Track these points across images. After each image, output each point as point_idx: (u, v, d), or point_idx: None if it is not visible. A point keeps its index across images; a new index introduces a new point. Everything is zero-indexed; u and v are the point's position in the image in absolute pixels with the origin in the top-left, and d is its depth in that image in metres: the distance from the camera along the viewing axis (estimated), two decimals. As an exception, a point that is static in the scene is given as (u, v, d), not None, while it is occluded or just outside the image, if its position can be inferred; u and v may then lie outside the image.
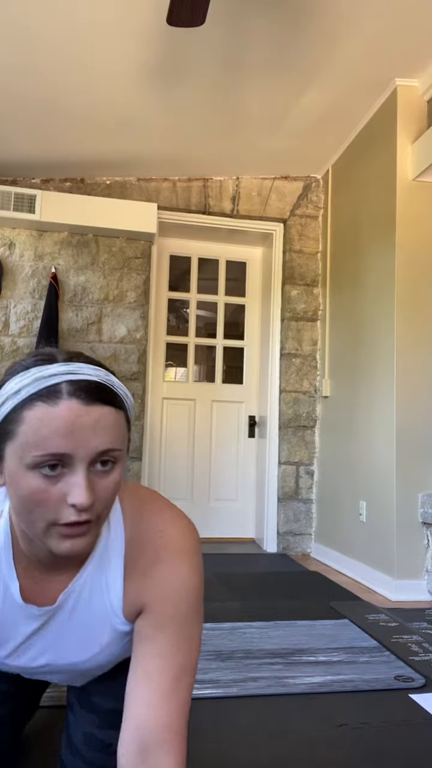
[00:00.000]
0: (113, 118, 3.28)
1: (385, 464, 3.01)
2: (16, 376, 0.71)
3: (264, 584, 2.96)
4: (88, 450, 0.69)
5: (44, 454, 0.67)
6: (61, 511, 0.69)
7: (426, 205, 3.08)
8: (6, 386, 0.71)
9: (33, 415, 0.68)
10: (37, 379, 0.69)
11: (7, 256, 3.75)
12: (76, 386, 0.69)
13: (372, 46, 2.78)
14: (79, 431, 0.68)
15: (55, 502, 0.69)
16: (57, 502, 0.69)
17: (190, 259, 4.35)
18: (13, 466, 0.69)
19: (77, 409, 0.68)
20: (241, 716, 1.51)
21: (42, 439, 0.67)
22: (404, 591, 2.83)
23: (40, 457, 0.67)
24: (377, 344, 3.18)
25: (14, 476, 0.69)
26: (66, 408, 0.68)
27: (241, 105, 3.21)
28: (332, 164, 3.98)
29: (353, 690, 1.68)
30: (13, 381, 0.71)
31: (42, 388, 0.69)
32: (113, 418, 0.71)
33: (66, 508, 0.69)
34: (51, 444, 0.67)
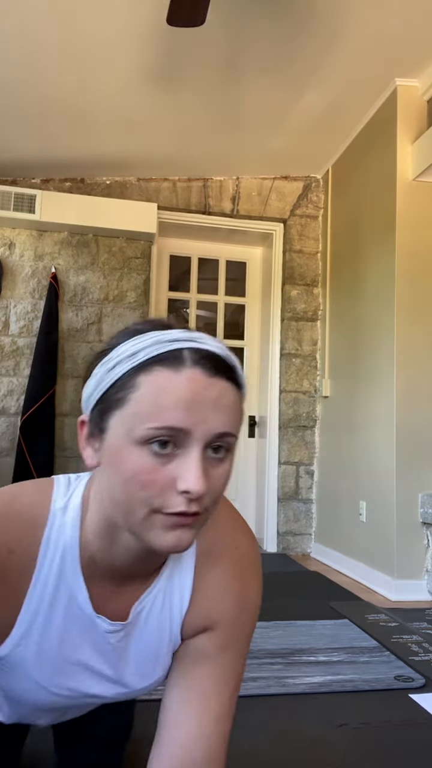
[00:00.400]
0: (113, 118, 3.28)
1: (385, 464, 3.01)
2: (131, 338, 0.62)
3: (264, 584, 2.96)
4: (207, 430, 0.59)
5: (160, 426, 0.57)
6: (168, 497, 0.59)
7: (426, 205, 3.08)
8: (118, 348, 0.62)
9: (151, 380, 0.58)
10: (158, 342, 0.60)
11: (7, 256, 3.75)
12: (200, 355, 0.60)
13: (372, 46, 2.78)
14: (200, 406, 0.58)
15: (161, 487, 0.58)
16: (164, 487, 0.58)
17: (190, 259, 4.35)
18: (118, 440, 0.59)
19: (200, 379, 0.59)
20: (241, 716, 1.51)
21: (160, 408, 0.57)
22: (404, 591, 2.83)
23: (155, 430, 0.57)
24: (377, 344, 3.18)
25: (117, 452, 0.59)
26: (189, 377, 0.58)
27: (241, 105, 3.21)
28: (332, 164, 3.98)
29: (353, 690, 1.68)
30: (128, 343, 0.61)
31: (163, 352, 0.59)
32: (234, 397, 0.61)
33: (174, 496, 0.59)
34: (169, 416, 0.57)
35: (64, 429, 3.72)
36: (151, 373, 0.59)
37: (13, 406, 3.67)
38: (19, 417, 3.65)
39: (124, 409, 0.59)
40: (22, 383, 3.69)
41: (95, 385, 0.63)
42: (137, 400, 0.58)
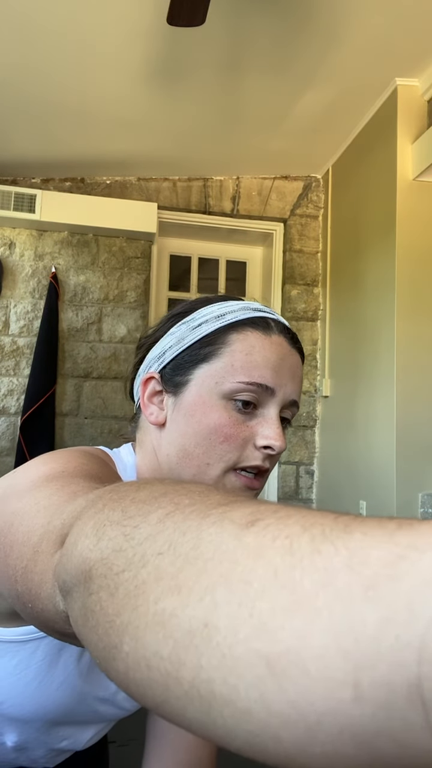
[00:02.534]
0: (113, 118, 3.28)
1: (385, 464, 3.01)
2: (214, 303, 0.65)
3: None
4: (285, 393, 0.62)
5: (250, 381, 0.59)
6: (247, 452, 0.60)
7: (426, 205, 3.08)
8: (202, 310, 0.64)
9: (244, 338, 0.61)
10: (246, 308, 0.64)
11: (7, 256, 3.75)
12: (282, 326, 0.65)
13: (372, 46, 2.78)
14: (284, 370, 0.62)
15: (242, 441, 0.60)
16: (244, 442, 0.60)
17: (190, 258, 4.35)
18: (202, 393, 0.60)
19: (286, 346, 0.63)
20: (241, 716, 1.51)
21: (253, 365, 0.60)
22: (404, 591, 2.83)
23: (245, 385, 0.59)
24: (377, 344, 3.18)
25: (200, 404, 0.60)
26: (277, 342, 0.62)
27: (241, 105, 3.21)
28: (332, 164, 3.98)
29: (353, 690, 1.68)
30: (213, 306, 0.64)
31: (253, 316, 0.63)
32: (302, 371, 0.67)
33: (253, 450, 0.60)
34: (261, 373, 0.60)
35: (64, 429, 3.73)
36: (243, 333, 0.61)
37: (13, 406, 3.68)
38: (19, 417, 3.65)
39: (213, 363, 0.61)
40: (22, 383, 3.69)
41: (175, 341, 0.63)
42: (229, 354, 0.60)
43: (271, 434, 0.60)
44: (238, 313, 0.63)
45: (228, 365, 0.60)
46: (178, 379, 0.62)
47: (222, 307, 0.63)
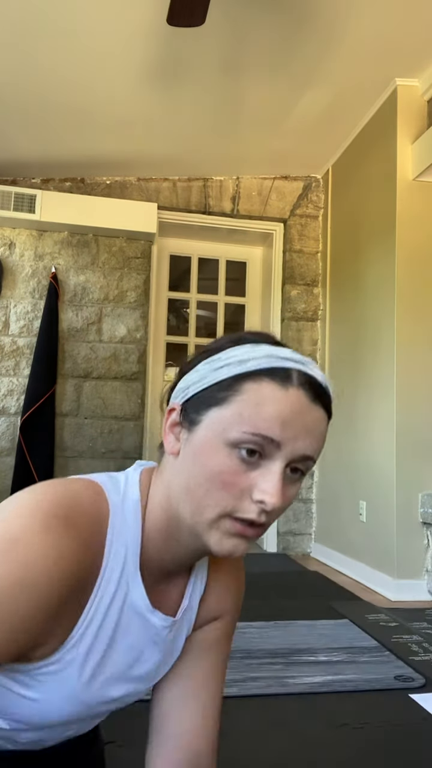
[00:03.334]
0: (113, 118, 3.28)
1: (385, 464, 3.01)
2: (243, 345, 0.64)
3: (264, 584, 2.96)
4: (294, 448, 0.61)
5: (255, 432, 0.59)
6: (242, 503, 0.61)
7: (426, 205, 3.08)
8: (229, 351, 0.64)
9: (257, 389, 0.61)
10: (271, 355, 0.63)
11: (7, 256, 3.75)
12: (307, 379, 0.63)
13: (372, 46, 2.78)
14: (296, 425, 0.61)
15: (240, 491, 0.60)
16: (243, 492, 0.60)
17: (190, 259, 4.35)
18: (210, 436, 0.61)
19: (303, 401, 0.61)
20: (241, 716, 1.51)
21: (261, 417, 0.60)
22: (404, 591, 2.83)
23: (250, 435, 0.59)
24: (377, 344, 3.18)
25: (207, 446, 0.61)
26: (293, 395, 0.61)
27: (241, 105, 3.21)
28: (332, 164, 3.98)
29: (353, 690, 1.68)
30: (239, 349, 0.64)
31: (274, 366, 0.62)
32: (324, 426, 0.65)
33: (249, 503, 0.61)
34: (268, 426, 0.59)
35: (64, 429, 3.73)
36: (258, 383, 0.61)
37: (13, 406, 3.68)
38: (19, 417, 3.65)
39: (223, 408, 0.61)
40: (22, 383, 3.69)
41: (197, 379, 0.65)
42: (239, 402, 0.61)
43: (267, 489, 0.59)
44: (261, 360, 0.62)
45: (237, 413, 0.60)
46: (193, 416, 0.64)
47: (247, 353, 0.63)
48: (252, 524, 0.61)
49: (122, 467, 3.87)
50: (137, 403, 3.85)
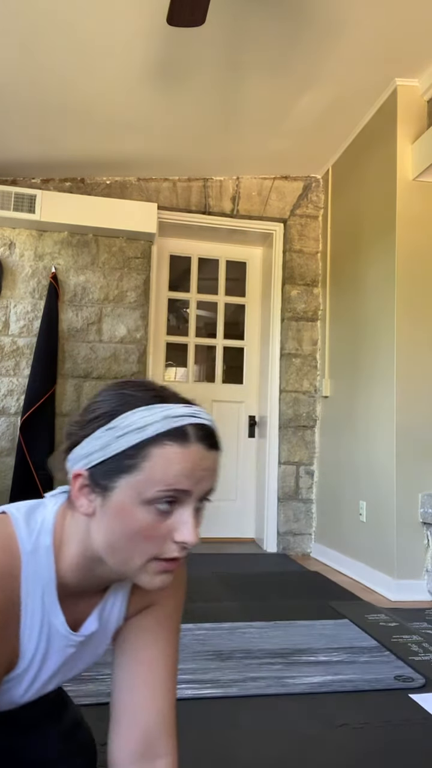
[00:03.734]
0: (113, 118, 3.28)
1: (385, 464, 3.01)
2: (137, 410, 0.71)
3: (264, 584, 2.96)
4: (201, 490, 0.71)
5: (169, 489, 0.68)
6: (165, 546, 0.70)
7: (426, 205, 3.08)
8: (127, 418, 0.70)
9: (162, 453, 0.69)
10: (166, 417, 0.70)
11: (7, 256, 3.75)
12: (201, 430, 0.72)
13: (372, 46, 2.78)
14: (199, 472, 0.70)
15: (161, 538, 0.70)
16: (163, 538, 0.70)
17: (190, 259, 4.35)
18: (126, 501, 0.69)
19: (202, 453, 0.71)
20: (241, 716, 1.51)
21: (170, 475, 0.68)
22: (404, 591, 2.83)
23: (164, 492, 0.68)
24: (377, 344, 3.18)
25: (124, 509, 0.69)
26: (195, 451, 0.70)
27: (241, 105, 3.21)
28: (332, 164, 3.98)
29: (353, 690, 1.68)
30: (136, 415, 0.70)
31: (171, 428, 0.69)
32: (219, 461, 0.75)
33: (170, 544, 0.70)
34: (178, 481, 0.69)
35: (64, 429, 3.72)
36: (162, 447, 0.69)
37: (13, 406, 3.68)
38: (19, 417, 3.65)
39: (134, 475, 0.69)
40: (22, 383, 3.69)
41: (99, 447, 0.70)
42: (149, 468, 0.68)
43: (186, 533, 0.69)
44: (159, 425, 0.69)
45: (148, 477, 0.68)
46: (104, 483, 0.70)
47: (144, 418, 0.69)
48: (175, 559, 0.71)
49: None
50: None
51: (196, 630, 2.16)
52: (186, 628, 2.18)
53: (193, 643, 2.02)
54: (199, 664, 1.83)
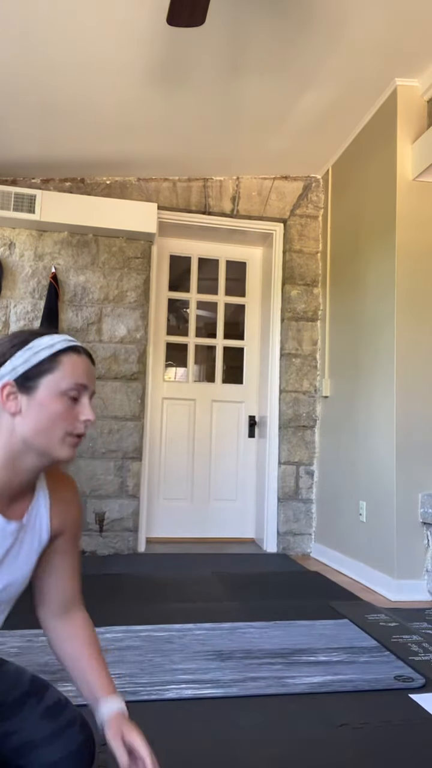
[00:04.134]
0: (113, 118, 3.28)
1: (385, 464, 3.01)
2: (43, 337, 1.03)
3: (264, 584, 2.96)
4: (91, 388, 1.04)
5: (77, 383, 1.01)
6: (75, 425, 1.01)
7: (426, 205, 3.08)
8: (39, 342, 1.01)
9: (68, 359, 1.01)
10: (64, 340, 1.03)
11: (7, 256, 3.75)
12: (83, 350, 1.06)
13: (372, 46, 2.78)
14: (89, 375, 1.04)
15: (73, 418, 1.00)
16: (74, 418, 1.01)
17: (190, 259, 4.35)
18: (48, 392, 0.99)
19: (87, 362, 1.05)
20: (241, 716, 1.51)
21: (76, 374, 1.01)
22: (404, 591, 2.83)
23: (74, 385, 1.00)
24: (377, 344, 3.18)
25: (47, 399, 0.99)
26: (84, 360, 1.04)
27: (241, 105, 3.21)
28: (332, 164, 3.98)
29: (353, 690, 1.68)
30: (44, 339, 1.02)
31: (68, 346, 1.03)
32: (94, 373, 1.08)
33: (78, 423, 1.01)
34: (81, 378, 1.01)
35: None
36: (68, 356, 1.01)
37: (13, 406, 3.67)
38: (19, 417, 3.65)
39: (53, 374, 0.99)
40: (22, 383, 3.69)
41: (22, 362, 0.99)
42: (62, 369, 1.00)
43: (88, 413, 1.01)
44: (61, 344, 1.02)
45: (63, 375, 0.99)
46: (29, 384, 0.99)
47: (51, 340, 1.02)
48: (81, 435, 1.02)
49: (122, 467, 3.88)
50: (137, 403, 3.85)
51: (196, 630, 2.16)
52: (186, 628, 2.18)
53: (193, 643, 2.02)
54: (199, 664, 1.83)
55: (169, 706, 1.56)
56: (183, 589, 2.83)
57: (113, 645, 1.98)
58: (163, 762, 1.28)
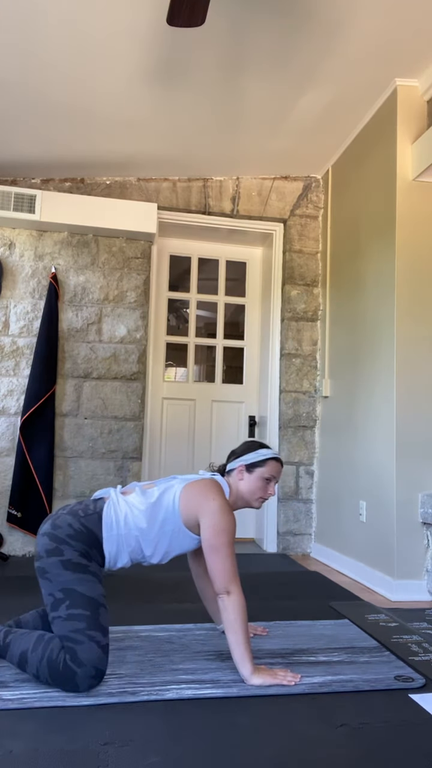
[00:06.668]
0: (113, 118, 3.28)
1: (385, 464, 3.01)
2: (263, 449, 1.97)
3: (264, 584, 2.96)
4: (278, 479, 1.98)
5: (272, 475, 1.95)
6: (266, 493, 1.95)
7: (426, 205, 3.08)
8: (261, 451, 1.97)
9: (270, 463, 1.96)
10: (272, 453, 1.98)
11: (7, 256, 3.75)
12: (279, 459, 1.99)
13: (372, 46, 2.78)
14: (279, 473, 1.99)
15: (264, 490, 1.95)
16: (265, 490, 1.95)
17: (190, 259, 4.35)
18: (257, 476, 1.94)
19: (279, 465, 1.99)
20: (241, 716, 1.51)
21: (273, 472, 1.95)
22: (404, 591, 2.83)
23: (270, 476, 1.95)
24: (377, 344, 3.18)
25: (256, 479, 1.93)
26: (278, 465, 1.98)
27: (241, 105, 3.21)
28: (332, 164, 3.98)
29: (353, 690, 1.68)
30: (263, 450, 1.97)
31: (271, 456, 1.97)
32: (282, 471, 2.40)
33: (267, 493, 1.96)
34: (273, 474, 1.96)
35: (64, 429, 3.73)
36: (272, 461, 1.97)
37: (13, 406, 3.68)
38: (19, 417, 3.65)
39: (263, 468, 1.95)
40: (22, 383, 3.69)
41: (251, 459, 1.95)
42: (266, 468, 1.95)
43: (272, 492, 1.98)
44: (270, 454, 1.96)
45: (267, 470, 1.95)
46: (252, 468, 1.95)
47: (266, 451, 1.97)
48: (265, 499, 1.97)
49: (122, 467, 3.87)
50: (137, 403, 3.85)
51: (197, 630, 2.16)
52: (186, 628, 2.18)
53: (193, 643, 2.02)
54: (199, 664, 1.83)
55: (169, 706, 1.56)
56: (183, 589, 2.83)
57: (113, 645, 1.98)
58: (164, 762, 1.28)
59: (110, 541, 1.76)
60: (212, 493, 1.80)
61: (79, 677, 1.57)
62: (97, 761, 1.27)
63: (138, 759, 1.29)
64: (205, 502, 1.78)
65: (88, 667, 1.57)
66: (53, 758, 1.28)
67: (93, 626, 1.63)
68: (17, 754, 1.30)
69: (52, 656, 1.60)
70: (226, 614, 1.69)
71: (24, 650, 1.65)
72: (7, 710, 1.50)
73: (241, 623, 1.68)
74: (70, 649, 1.60)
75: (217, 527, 1.74)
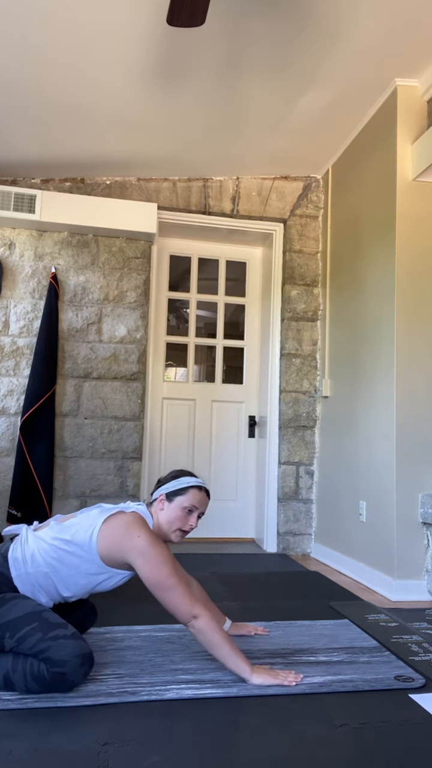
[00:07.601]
0: (113, 118, 3.28)
1: (385, 464, 3.01)
2: (185, 477, 1.91)
3: (264, 584, 2.96)
4: (200, 510, 1.89)
5: (192, 505, 1.86)
6: (185, 525, 1.85)
7: (426, 205, 3.08)
8: (183, 479, 1.89)
9: (192, 492, 1.87)
10: (196, 481, 1.90)
11: (7, 256, 3.75)
12: (204, 488, 1.91)
13: (372, 46, 2.78)
14: (202, 504, 1.89)
15: (184, 521, 1.85)
16: (185, 522, 1.85)
17: (190, 259, 4.35)
18: (177, 505, 1.85)
19: (204, 496, 1.90)
20: (241, 716, 1.51)
21: (194, 501, 1.86)
22: (404, 591, 2.83)
23: (190, 506, 1.85)
24: (377, 344, 3.18)
25: (176, 509, 1.85)
26: (201, 495, 1.89)
27: (241, 105, 3.21)
28: (332, 164, 3.98)
29: (353, 690, 1.68)
30: (185, 478, 1.90)
31: (195, 484, 1.89)
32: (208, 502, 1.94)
33: (187, 525, 1.86)
34: (194, 504, 1.86)
35: (64, 429, 3.73)
36: (194, 489, 1.89)
37: (13, 406, 3.68)
38: (19, 417, 3.65)
39: (183, 496, 1.86)
40: (22, 383, 3.69)
41: (172, 487, 1.88)
42: (187, 497, 1.87)
43: (193, 524, 1.87)
44: (192, 482, 1.89)
45: (186, 499, 1.86)
46: (171, 497, 1.87)
47: (188, 479, 1.89)
48: (186, 531, 1.87)
49: (122, 467, 3.88)
50: (137, 403, 3.85)
51: (196, 630, 2.16)
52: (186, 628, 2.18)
53: (193, 643, 2.02)
54: (199, 664, 1.83)
55: (169, 706, 1.56)
56: (183, 589, 2.83)
57: (113, 645, 1.98)
58: (164, 762, 1.28)
59: (20, 580, 1.71)
60: (136, 529, 1.70)
61: (69, 675, 1.56)
62: (97, 761, 1.27)
63: (138, 759, 1.29)
64: (130, 543, 1.69)
65: (71, 662, 1.55)
66: (53, 758, 1.28)
67: (48, 629, 1.59)
68: (17, 754, 1.30)
69: (34, 670, 1.57)
70: (202, 637, 1.65)
71: (5, 673, 1.60)
72: (7, 710, 1.50)
73: (220, 637, 1.65)
74: (44, 659, 1.56)
75: (153, 563, 1.66)
